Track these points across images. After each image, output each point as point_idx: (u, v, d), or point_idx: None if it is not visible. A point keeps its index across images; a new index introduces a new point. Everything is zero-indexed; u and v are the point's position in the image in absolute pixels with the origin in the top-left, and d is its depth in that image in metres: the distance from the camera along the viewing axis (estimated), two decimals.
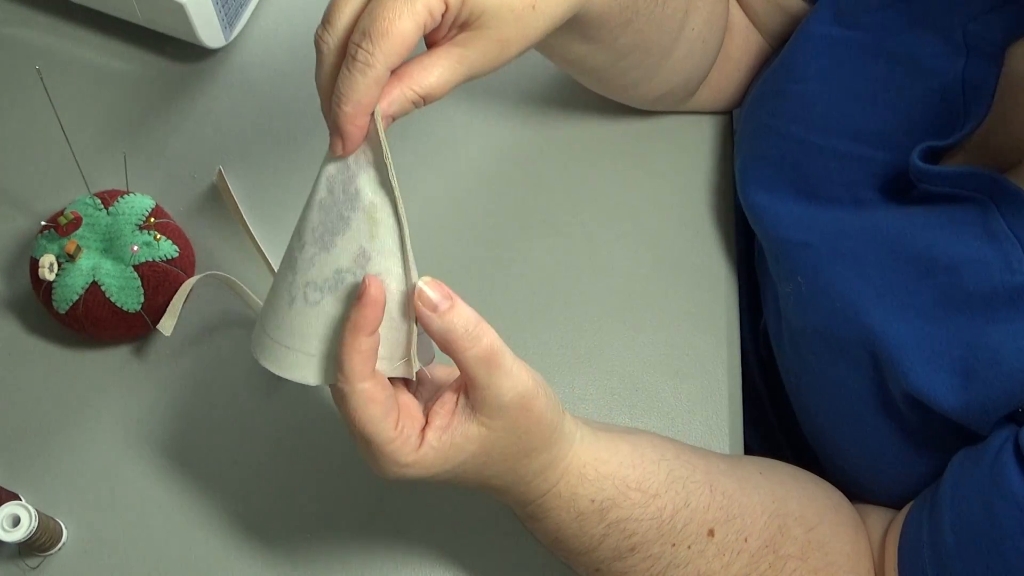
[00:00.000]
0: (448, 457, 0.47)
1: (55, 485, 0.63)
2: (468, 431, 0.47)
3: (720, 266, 0.71)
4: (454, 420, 0.47)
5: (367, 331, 0.45)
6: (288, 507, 0.63)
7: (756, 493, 0.55)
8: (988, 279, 0.51)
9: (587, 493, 0.51)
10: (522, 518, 0.54)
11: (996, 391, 0.50)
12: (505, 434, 0.48)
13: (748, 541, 0.54)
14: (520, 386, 0.47)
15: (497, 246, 0.71)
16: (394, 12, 0.43)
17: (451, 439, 0.47)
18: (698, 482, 0.54)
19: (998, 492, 0.48)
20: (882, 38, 0.61)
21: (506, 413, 0.47)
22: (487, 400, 0.46)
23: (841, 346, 0.57)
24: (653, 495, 0.52)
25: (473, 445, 0.47)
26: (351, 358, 0.45)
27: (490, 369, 0.46)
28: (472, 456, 0.48)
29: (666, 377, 0.67)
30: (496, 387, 0.46)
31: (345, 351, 0.45)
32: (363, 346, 0.45)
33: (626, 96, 0.71)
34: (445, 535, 0.62)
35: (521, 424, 0.48)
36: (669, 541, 0.52)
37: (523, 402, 0.47)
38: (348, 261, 0.46)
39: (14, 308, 0.68)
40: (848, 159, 0.61)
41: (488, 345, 0.46)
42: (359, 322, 0.44)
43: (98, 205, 0.66)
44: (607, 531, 0.52)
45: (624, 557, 0.53)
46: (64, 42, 0.78)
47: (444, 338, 0.45)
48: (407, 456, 0.46)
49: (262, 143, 0.74)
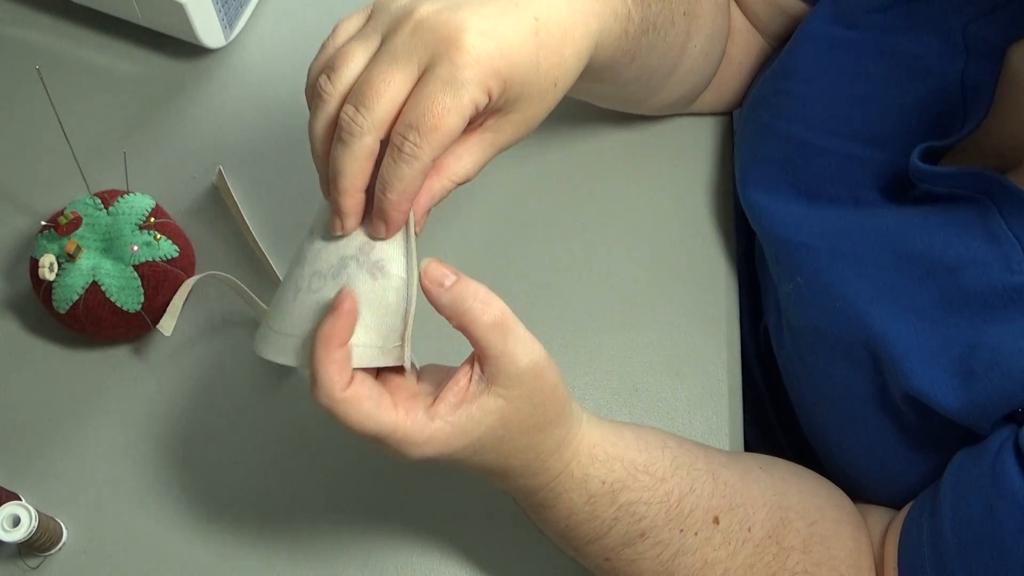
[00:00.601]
0: (467, 430, 0.47)
1: (55, 485, 0.63)
2: (485, 404, 0.47)
3: (720, 266, 0.71)
4: (469, 394, 0.47)
5: (341, 343, 0.45)
6: (288, 506, 0.63)
7: (757, 486, 0.55)
8: (988, 279, 0.51)
9: (598, 474, 0.51)
10: (531, 508, 0.54)
11: (996, 391, 0.50)
12: (522, 404, 0.47)
13: (752, 531, 0.54)
14: (534, 352, 0.47)
15: (497, 246, 0.71)
16: (444, 108, 0.44)
17: (468, 412, 0.46)
18: (701, 470, 0.54)
19: (998, 492, 0.48)
20: (882, 38, 0.61)
21: (522, 381, 0.47)
22: (503, 368, 0.46)
23: (841, 346, 0.57)
24: (660, 479, 0.52)
25: (491, 418, 0.47)
26: (327, 369, 0.44)
27: (505, 334, 0.46)
28: (490, 429, 0.47)
29: (666, 377, 0.67)
30: (511, 353, 0.46)
31: (320, 363, 0.45)
32: (338, 356, 0.45)
33: (629, 111, 0.72)
34: (446, 534, 0.62)
35: (537, 392, 0.48)
36: (677, 527, 0.52)
37: (538, 369, 0.47)
38: (353, 249, 0.47)
39: (14, 308, 0.68)
40: (848, 159, 0.61)
41: (500, 310, 0.46)
42: (334, 333, 0.45)
43: (98, 205, 0.66)
44: (618, 514, 0.52)
45: (634, 543, 0.53)
46: (64, 42, 0.78)
47: (455, 309, 0.45)
48: (420, 434, 0.46)
49: (262, 143, 0.74)
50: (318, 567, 0.61)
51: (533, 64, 0.47)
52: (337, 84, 0.46)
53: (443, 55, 0.44)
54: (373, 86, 0.44)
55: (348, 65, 0.46)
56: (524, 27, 0.46)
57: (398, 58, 0.45)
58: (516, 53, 0.46)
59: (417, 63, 0.45)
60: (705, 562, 0.53)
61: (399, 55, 0.45)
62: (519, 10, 0.47)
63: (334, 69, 0.46)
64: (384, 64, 0.45)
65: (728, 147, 0.75)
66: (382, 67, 0.45)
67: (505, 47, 0.45)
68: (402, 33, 0.45)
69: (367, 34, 0.47)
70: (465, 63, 0.44)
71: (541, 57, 0.47)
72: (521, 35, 0.46)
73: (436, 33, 0.44)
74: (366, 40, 0.46)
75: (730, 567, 0.53)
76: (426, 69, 0.44)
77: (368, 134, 0.45)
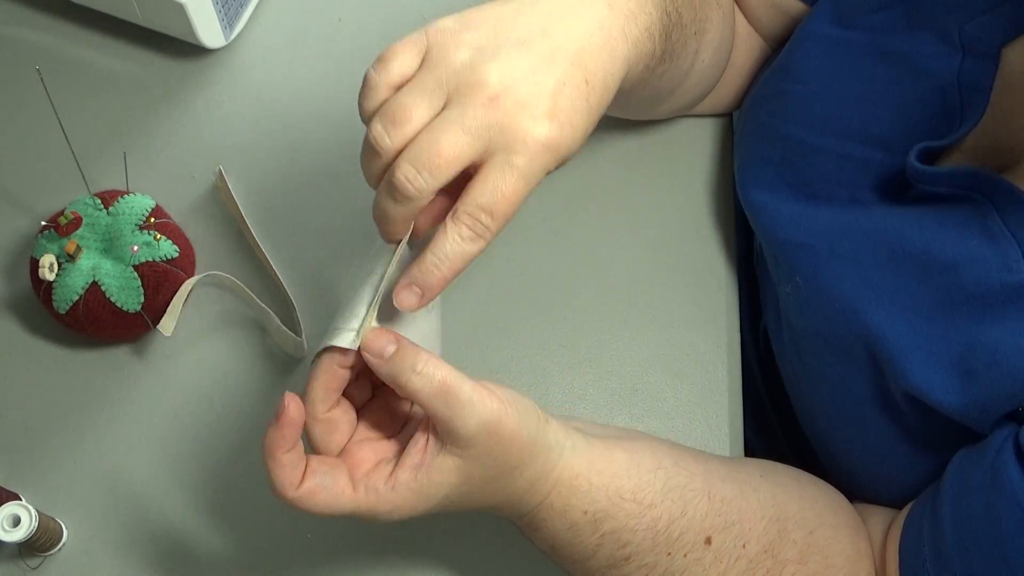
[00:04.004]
0: (429, 494, 0.48)
1: (55, 485, 0.63)
2: (443, 464, 0.47)
3: (720, 266, 0.71)
4: (426, 457, 0.47)
5: (285, 449, 0.46)
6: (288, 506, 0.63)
7: (755, 497, 0.55)
8: (986, 279, 0.51)
9: (579, 504, 0.51)
10: (520, 528, 0.55)
11: (995, 390, 0.50)
12: (481, 460, 0.48)
13: (747, 547, 0.54)
14: (484, 413, 0.47)
15: (496, 246, 0.71)
16: (516, 194, 0.45)
17: (428, 476, 0.47)
18: (696, 490, 0.54)
19: (998, 491, 0.48)
20: (880, 38, 0.61)
21: (475, 441, 0.47)
22: (453, 431, 0.46)
23: (841, 346, 0.57)
24: (648, 505, 0.52)
25: (452, 476, 0.48)
26: (277, 474, 0.46)
27: (448, 402, 0.46)
28: (454, 487, 0.48)
29: (666, 377, 0.67)
30: (458, 418, 0.46)
31: (270, 468, 0.46)
32: (285, 460, 0.46)
33: (630, 118, 0.73)
34: (447, 533, 0.62)
35: (494, 448, 0.48)
36: (664, 551, 0.52)
37: (489, 428, 0.47)
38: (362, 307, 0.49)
39: (14, 308, 0.68)
40: (846, 159, 0.61)
41: (441, 380, 0.46)
42: (276, 444, 0.46)
43: (98, 205, 0.66)
44: (601, 541, 0.52)
45: (619, 565, 0.53)
46: (64, 42, 0.78)
47: (395, 381, 0.46)
48: (384, 505, 0.47)
49: (262, 143, 0.74)
50: (318, 567, 0.61)
51: (585, 130, 0.48)
52: (395, 140, 0.46)
53: (518, 143, 0.45)
54: (443, 156, 0.44)
55: (411, 123, 0.46)
56: (579, 95, 0.47)
57: (470, 132, 0.45)
58: (575, 130, 0.47)
59: (488, 141, 0.45)
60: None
61: (470, 129, 0.45)
62: (574, 69, 0.47)
63: (395, 124, 0.46)
64: (454, 135, 0.45)
65: (728, 147, 0.75)
66: (452, 136, 0.45)
67: (568, 130, 0.46)
68: (475, 105, 0.45)
69: (430, 88, 0.46)
70: (537, 153, 0.45)
71: (590, 121, 0.48)
72: (579, 110, 0.47)
73: (512, 119, 0.45)
74: (430, 97, 0.46)
75: None
76: (498, 150, 0.45)
77: (426, 198, 0.45)
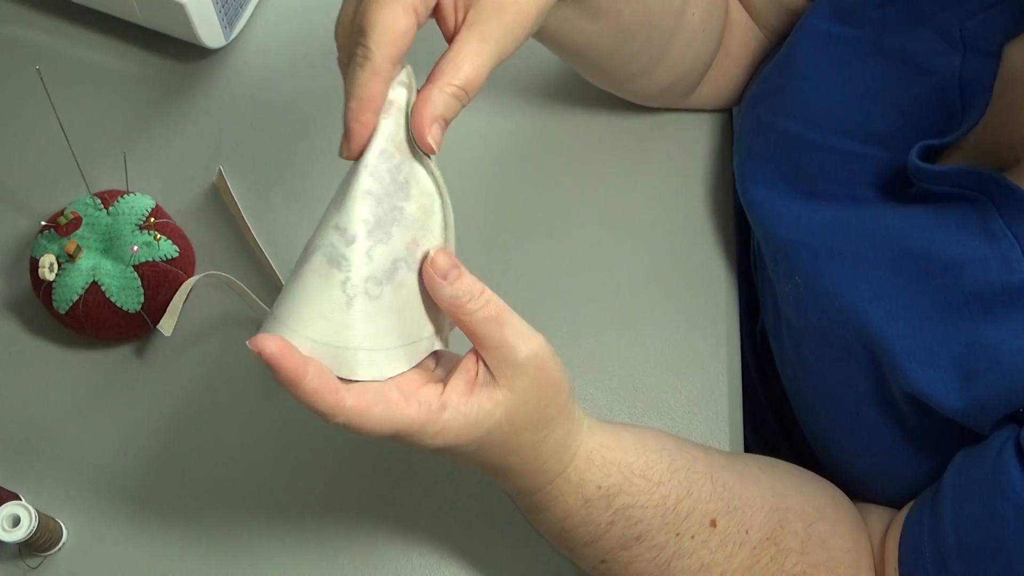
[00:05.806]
0: (477, 422, 0.47)
1: (55, 485, 0.63)
2: (492, 395, 0.47)
3: (720, 266, 0.71)
4: (477, 384, 0.47)
5: (309, 375, 0.43)
6: (288, 506, 0.63)
7: (756, 487, 0.55)
8: (986, 278, 0.51)
9: (594, 479, 0.51)
10: (527, 509, 0.54)
11: (996, 390, 0.50)
12: (528, 396, 0.47)
13: (749, 533, 0.54)
14: (533, 342, 0.47)
15: (496, 246, 0.71)
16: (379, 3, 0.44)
17: (479, 403, 0.46)
18: (699, 472, 0.54)
19: (999, 492, 0.48)
20: (881, 35, 0.61)
21: (524, 371, 0.47)
22: (504, 358, 0.46)
23: (840, 346, 0.57)
24: (657, 482, 0.52)
25: (500, 410, 0.47)
26: (322, 400, 0.43)
27: (500, 327, 0.46)
28: (498, 424, 0.47)
29: (666, 377, 0.67)
30: (509, 344, 0.46)
31: (311, 400, 0.43)
32: (329, 384, 0.44)
33: (629, 89, 0.71)
34: (447, 533, 0.62)
35: (541, 384, 0.48)
36: (673, 530, 0.52)
37: (539, 360, 0.47)
38: (403, 250, 0.46)
39: (14, 308, 0.68)
40: (846, 157, 0.61)
41: (496, 306, 0.46)
42: (300, 371, 0.43)
43: (98, 205, 0.66)
44: (613, 518, 0.52)
45: (630, 546, 0.53)
46: (64, 42, 0.78)
47: (453, 303, 0.46)
48: (434, 425, 0.46)
49: (262, 143, 0.74)
50: (318, 566, 0.61)
51: None
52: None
53: None
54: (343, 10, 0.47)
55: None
56: None
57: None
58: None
59: None
60: (702, 565, 0.53)
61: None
62: None
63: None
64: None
65: (728, 145, 0.75)
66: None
67: None
68: None
69: None
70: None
71: None
72: None
73: None
74: None
75: (727, 569, 0.53)
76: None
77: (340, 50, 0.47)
